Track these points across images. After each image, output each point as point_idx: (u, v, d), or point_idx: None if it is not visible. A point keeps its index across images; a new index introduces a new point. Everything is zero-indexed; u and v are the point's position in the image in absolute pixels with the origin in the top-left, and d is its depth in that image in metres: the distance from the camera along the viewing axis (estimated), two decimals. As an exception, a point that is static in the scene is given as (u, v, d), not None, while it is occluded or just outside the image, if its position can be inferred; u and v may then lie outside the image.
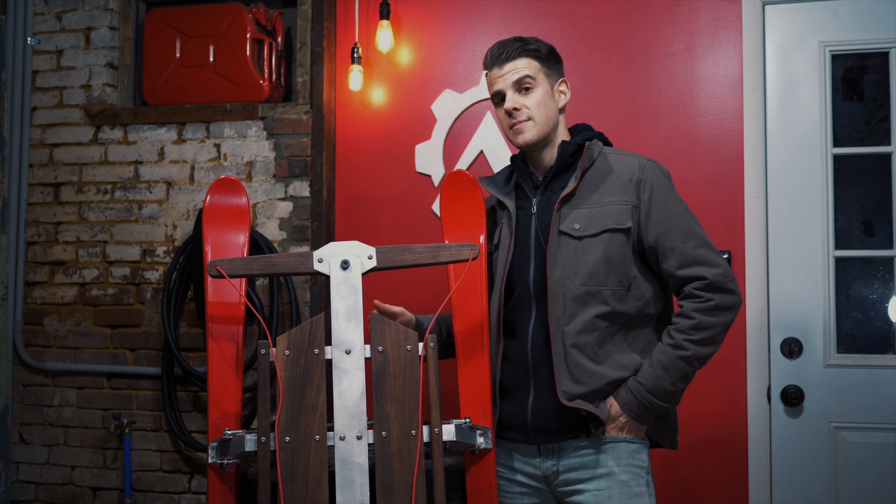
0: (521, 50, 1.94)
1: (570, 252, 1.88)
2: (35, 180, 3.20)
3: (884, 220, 2.67)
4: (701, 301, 1.84)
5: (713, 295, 1.84)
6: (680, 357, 1.83)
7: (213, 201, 2.03)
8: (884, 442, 2.58)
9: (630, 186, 1.90)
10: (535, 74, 1.94)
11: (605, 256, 1.87)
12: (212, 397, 1.90)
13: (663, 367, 1.83)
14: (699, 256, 1.86)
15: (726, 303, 1.85)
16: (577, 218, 1.89)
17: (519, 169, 2.04)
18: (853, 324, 2.69)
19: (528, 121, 1.93)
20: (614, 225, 1.88)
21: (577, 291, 1.86)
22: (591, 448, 1.88)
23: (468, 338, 1.91)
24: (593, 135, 2.01)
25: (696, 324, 1.83)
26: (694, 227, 1.90)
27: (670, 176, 1.96)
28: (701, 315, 1.83)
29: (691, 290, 1.85)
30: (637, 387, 1.84)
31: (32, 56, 3.20)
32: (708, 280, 1.84)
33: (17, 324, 3.13)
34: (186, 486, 2.99)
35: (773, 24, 2.71)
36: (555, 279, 1.88)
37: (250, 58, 3.04)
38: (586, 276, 1.86)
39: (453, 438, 1.79)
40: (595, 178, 1.93)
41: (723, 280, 1.85)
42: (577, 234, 1.88)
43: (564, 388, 1.84)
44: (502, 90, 1.95)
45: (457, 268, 1.92)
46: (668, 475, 2.63)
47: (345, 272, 1.78)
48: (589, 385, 1.84)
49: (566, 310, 1.86)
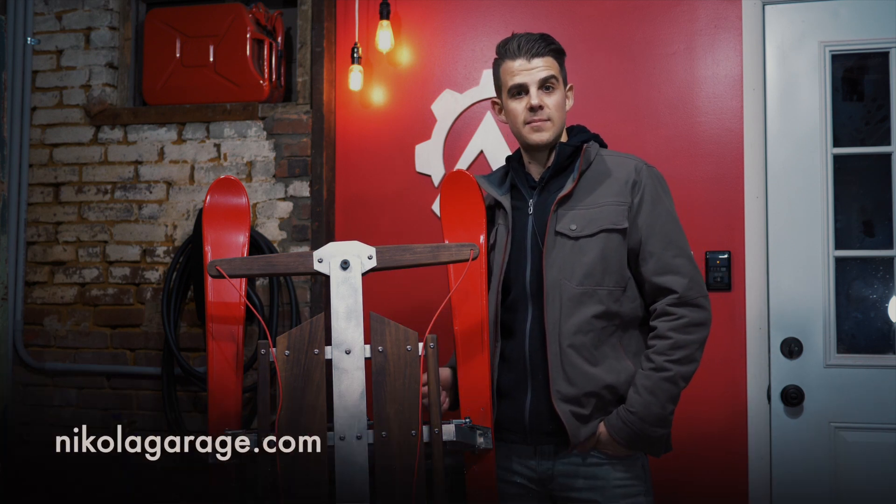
0: (549, 49, 1.94)
1: (566, 252, 1.88)
2: (35, 180, 3.20)
3: (884, 220, 2.67)
4: (674, 319, 1.84)
5: (685, 311, 1.84)
6: (664, 378, 1.82)
7: (213, 201, 2.03)
8: (884, 442, 2.57)
9: (626, 188, 1.90)
10: (557, 76, 1.94)
11: (601, 256, 1.87)
12: (212, 397, 1.90)
13: (650, 392, 1.82)
14: (675, 266, 1.86)
15: (698, 319, 1.85)
16: (573, 218, 1.89)
17: (514, 169, 2.04)
18: (853, 324, 2.69)
19: (547, 121, 1.93)
20: (611, 225, 1.88)
21: (573, 291, 1.86)
22: (588, 454, 1.88)
23: (468, 338, 1.91)
24: (590, 136, 2.01)
25: (673, 343, 1.83)
26: (676, 236, 1.90)
27: (665, 182, 1.96)
28: (676, 334, 1.83)
29: (664, 308, 1.85)
30: (627, 415, 1.83)
31: (32, 56, 3.20)
32: (678, 294, 1.84)
33: (17, 324, 3.13)
34: (186, 486, 2.99)
35: (773, 24, 2.71)
36: (551, 280, 1.87)
37: (250, 58, 3.04)
38: (583, 276, 1.86)
39: (453, 438, 1.79)
40: (592, 180, 1.93)
41: (692, 295, 1.85)
42: (574, 235, 1.88)
43: (558, 387, 1.84)
44: (527, 84, 1.93)
45: (457, 268, 1.92)
46: (668, 475, 2.63)
47: (345, 272, 1.78)
48: (581, 387, 1.84)
49: (563, 310, 1.86)
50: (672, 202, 1.95)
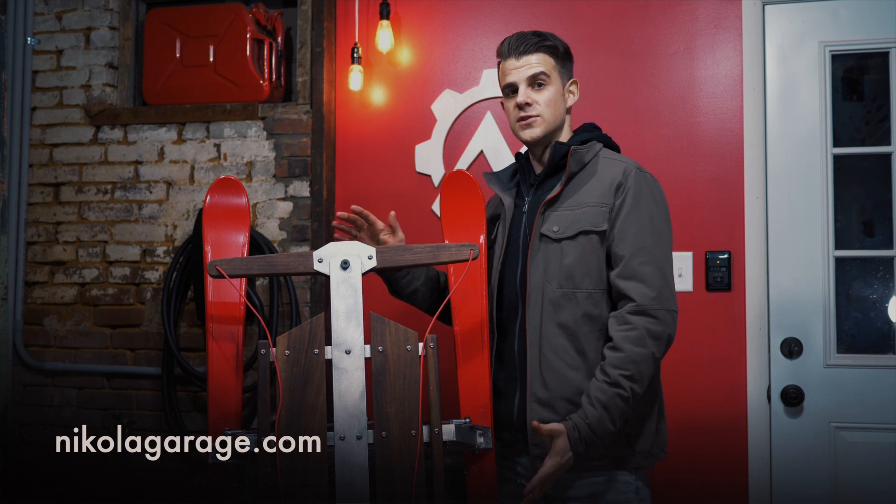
0: (540, 45, 1.93)
1: (548, 254, 1.87)
2: (35, 180, 3.20)
3: (884, 220, 2.67)
4: (629, 329, 1.77)
5: (640, 320, 1.77)
6: (618, 395, 1.75)
7: (213, 201, 2.03)
8: (884, 442, 2.57)
9: (611, 190, 1.86)
10: (549, 72, 1.93)
11: (580, 258, 1.84)
12: (212, 397, 1.90)
13: (603, 406, 1.75)
14: (640, 273, 1.80)
15: (654, 332, 1.77)
16: (556, 220, 1.88)
17: (521, 167, 2.04)
18: (853, 324, 2.69)
19: (537, 117, 1.92)
20: (589, 227, 1.85)
21: (553, 294, 1.85)
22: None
23: (468, 338, 1.91)
24: (593, 136, 1.99)
25: (625, 357, 1.76)
26: (650, 243, 1.82)
27: (657, 188, 1.90)
28: (630, 346, 1.76)
29: (623, 315, 1.79)
30: (584, 427, 1.76)
31: (32, 56, 3.20)
32: (636, 303, 1.78)
33: (17, 324, 3.13)
34: (186, 486, 2.99)
35: (773, 24, 2.71)
36: (534, 282, 1.87)
37: (250, 58, 3.04)
38: (563, 279, 1.85)
39: (453, 438, 1.79)
40: (580, 182, 1.91)
41: (651, 305, 1.77)
42: (556, 237, 1.86)
43: (534, 390, 1.84)
44: (515, 83, 1.94)
45: (457, 268, 1.92)
46: (668, 476, 2.63)
47: (345, 272, 1.78)
48: (556, 391, 1.82)
49: (543, 312, 1.85)
50: (660, 210, 1.88)
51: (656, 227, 1.85)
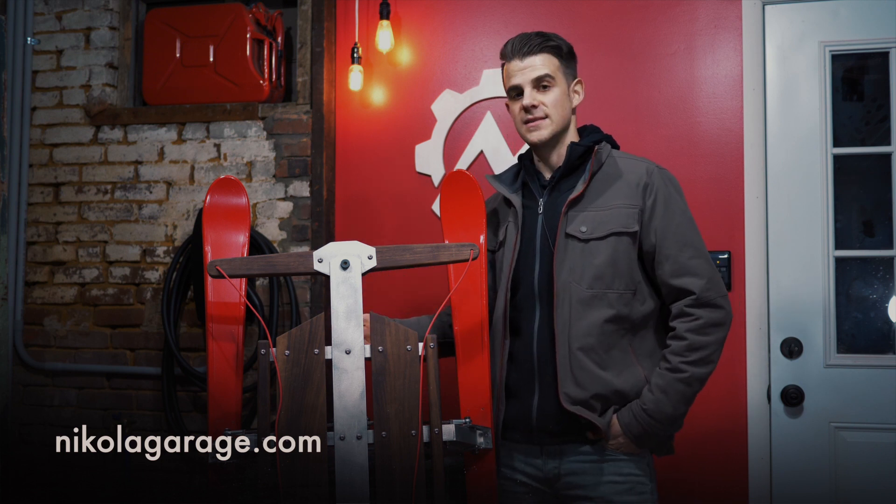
0: (543, 46, 1.93)
1: (576, 255, 1.88)
2: (35, 180, 3.20)
3: (884, 220, 2.67)
4: (691, 320, 1.84)
5: (702, 312, 1.84)
6: (678, 380, 1.82)
7: (213, 201, 2.03)
8: (884, 442, 2.57)
9: (637, 190, 1.89)
10: (554, 73, 1.93)
11: (611, 259, 1.86)
12: (212, 397, 1.90)
13: (662, 391, 1.82)
14: (692, 267, 1.86)
15: (715, 319, 1.84)
16: (584, 221, 1.89)
17: (526, 168, 2.04)
18: (853, 324, 2.69)
19: (544, 118, 1.93)
20: (621, 228, 1.87)
21: (583, 294, 1.86)
22: (595, 454, 1.88)
23: (468, 338, 1.92)
24: (602, 137, 2.01)
25: (689, 344, 1.82)
26: (692, 237, 1.89)
27: (677, 183, 1.95)
28: (693, 335, 1.83)
29: (682, 308, 1.85)
30: (639, 410, 1.83)
31: (32, 56, 3.20)
32: (696, 295, 1.84)
33: (17, 324, 3.13)
34: (186, 486, 2.99)
35: (773, 24, 2.71)
36: (561, 282, 1.87)
37: (250, 58, 3.04)
38: (592, 279, 1.86)
39: (453, 438, 1.79)
40: (603, 182, 1.92)
41: (711, 295, 1.84)
42: (584, 237, 1.88)
43: (566, 390, 1.84)
44: (520, 85, 1.94)
45: (457, 268, 1.92)
46: (668, 476, 2.63)
47: (345, 272, 1.78)
48: (591, 390, 1.84)
49: (572, 312, 1.86)
50: (685, 203, 1.94)
51: (689, 219, 1.92)
